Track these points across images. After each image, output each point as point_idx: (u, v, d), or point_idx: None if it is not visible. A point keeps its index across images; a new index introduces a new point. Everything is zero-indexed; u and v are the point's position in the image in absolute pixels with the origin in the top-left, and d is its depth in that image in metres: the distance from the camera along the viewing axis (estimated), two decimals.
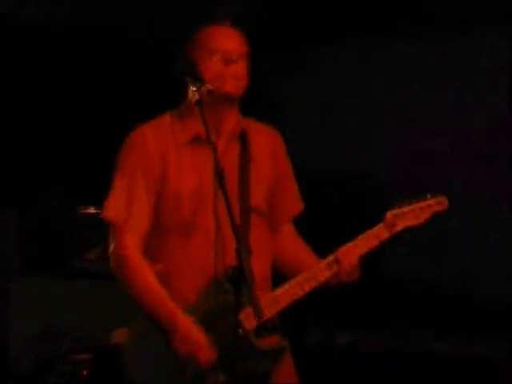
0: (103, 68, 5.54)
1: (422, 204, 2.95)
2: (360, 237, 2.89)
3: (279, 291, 2.83)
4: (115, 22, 5.35)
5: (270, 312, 2.75)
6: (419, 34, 5.46)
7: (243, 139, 2.87)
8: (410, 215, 2.93)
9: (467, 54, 5.44)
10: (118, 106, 5.48)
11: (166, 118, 2.90)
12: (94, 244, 4.73)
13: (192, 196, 2.80)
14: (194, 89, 2.72)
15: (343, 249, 2.87)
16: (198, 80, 2.74)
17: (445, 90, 5.53)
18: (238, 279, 2.52)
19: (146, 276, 2.77)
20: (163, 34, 5.50)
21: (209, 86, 2.73)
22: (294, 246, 3.03)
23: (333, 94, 5.84)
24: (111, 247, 2.81)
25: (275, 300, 2.80)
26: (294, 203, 3.05)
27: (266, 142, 2.95)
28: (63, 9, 5.17)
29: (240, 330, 2.67)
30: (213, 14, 2.94)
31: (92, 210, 4.85)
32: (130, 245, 2.78)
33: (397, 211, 2.93)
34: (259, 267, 2.79)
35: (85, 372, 3.99)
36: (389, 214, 2.92)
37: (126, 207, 2.79)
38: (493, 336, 4.99)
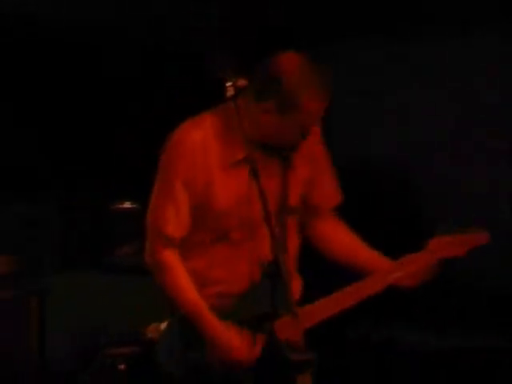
0: (103, 68, 5.53)
1: (465, 237, 2.95)
2: (400, 260, 2.90)
3: (320, 304, 2.85)
4: (115, 22, 5.34)
5: (307, 324, 2.77)
6: (419, 33, 5.45)
7: (286, 157, 2.87)
8: (451, 246, 2.93)
9: (467, 53, 5.43)
10: (118, 106, 5.47)
11: (208, 125, 2.85)
12: (130, 239, 4.74)
13: (234, 210, 2.81)
14: (230, 83, 2.72)
15: (387, 272, 2.91)
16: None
17: (445, 90, 5.52)
18: (273, 274, 2.56)
19: (184, 285, 2.79)
20: (163, 34, 5.50)
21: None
22: (340, 236, 3.08)
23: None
24: (153, 254, 2.83)
25: (315, 313, 2.83)
26: (331, 195, 3.07)
27: (306, 142, 2.94)
28: (63, 9, 5.16)
29: (274, 338, 2.68)
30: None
31: (128, 205, 4.87)
32: (173, 255, 2.80)
33: (440, 240, 2.93)
34: (291, 265, 2.86)
35: (122, 366, 4.03)
36: (431, 242, 2.92)
37: (177, 220, 2.80)
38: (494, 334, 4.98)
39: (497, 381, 4.74)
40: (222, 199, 2.78)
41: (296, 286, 2.90)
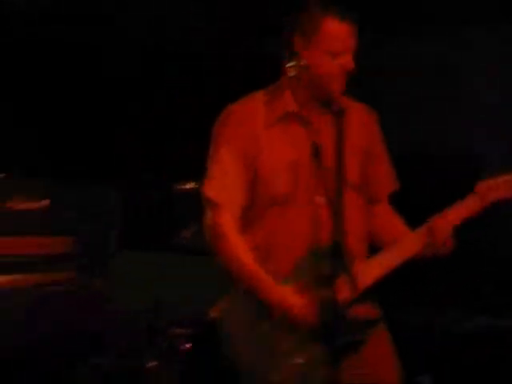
0: (103, 68, 5.54)
1: None
2: (451, 208, 2.85)
3: (372, 262, 2.82)
4: (115, 22, 5.35)
5: (364, 284, 2.75)
6: (419, 33, 5.46)
7: (338, 114, 2.84)
8: (502, 186, 2.85)
9: (467, 53, 5.44)
10: (118, 106, 5.48)
11: (258, 97, 2.90)
12: (191, 220, 4.74)
13: (287, 171, 2.83)
14: (291, 64, 2.73)
15: (435, 220, 2.83)
16: (295, 55, 2.74)
17: (445, 90, 5.53)
18: (334, 255, 2.55)
19: (239, 252, 2.81)
20: (163, 34, 5.51)
21: (306, 62, 2.74)
22: (390, 225, 3.02)
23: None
24: (207, 222, 2.86)
25: (369, 271, 2.79)
26: (386, 181, 3.04)
27: (360, 116, 2.99)
28: (63, 9, 5.17)
29: (335, 302, 2.67)
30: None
31: (189, 186, 4.87)
32: (227, 222, 2.82)
33: (489, 182, 2.86)
34: (354, 242, 2.81)
35: (186, 346, 4.02)
36: (480, 185, 2.86)
37: (223, 185, 2.83)
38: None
39: None
40: (271, 159, 2.81)
41: None
